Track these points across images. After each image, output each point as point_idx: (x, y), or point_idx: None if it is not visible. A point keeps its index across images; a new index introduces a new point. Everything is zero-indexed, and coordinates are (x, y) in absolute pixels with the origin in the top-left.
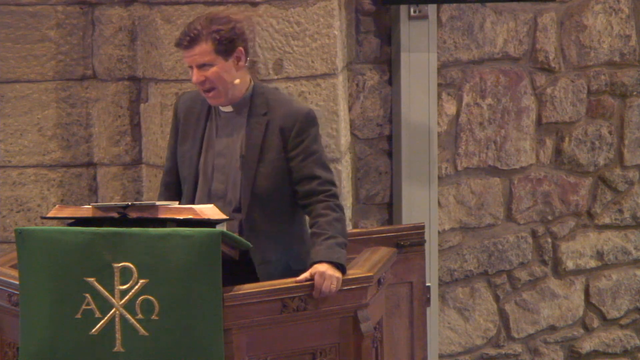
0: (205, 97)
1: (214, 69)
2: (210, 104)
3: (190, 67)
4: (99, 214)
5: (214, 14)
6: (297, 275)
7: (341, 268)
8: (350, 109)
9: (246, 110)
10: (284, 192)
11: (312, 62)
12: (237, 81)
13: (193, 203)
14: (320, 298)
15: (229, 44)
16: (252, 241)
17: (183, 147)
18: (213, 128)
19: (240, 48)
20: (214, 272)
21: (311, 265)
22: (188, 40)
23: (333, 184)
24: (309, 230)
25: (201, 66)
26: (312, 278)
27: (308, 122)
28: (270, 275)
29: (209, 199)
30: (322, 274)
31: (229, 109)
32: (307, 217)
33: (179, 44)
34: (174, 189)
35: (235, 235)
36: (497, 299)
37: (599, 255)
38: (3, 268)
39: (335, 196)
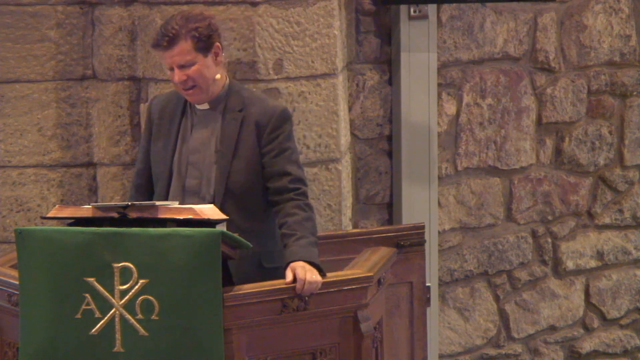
0: (185, 95)
1: (195, 67)
2: (191, 102)
3: (170, 68)
4: (99, 214)
5: (186, 12)
6: (268, 272)
7: (316, 267)
8: (350, 109)
9: (222, 107)
10: (258, 189)
11: (312, 62)
12: (217, 76)
13: (166, 199)
14: (311, 292)
15: (208, 40)
16: None
17: (156, 145)
18: (188, 125)
19: (217, 43)
20: (214, 272)
21: (287, 266)
22: (167, 41)
23: (303, 182)
24: (280, 230)
25: (182, 66)
26: (294, 277)
27: (283, 119)
28: (242, 272)
29: (182, 194)
30: (303, 267)
31: (205, 106)
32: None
33: (157, 45)
34: (145, 191)
35: (235, 235)
36: (497, 299)
37: (599, 255)
38: (3, 268)
39: (305, 195)
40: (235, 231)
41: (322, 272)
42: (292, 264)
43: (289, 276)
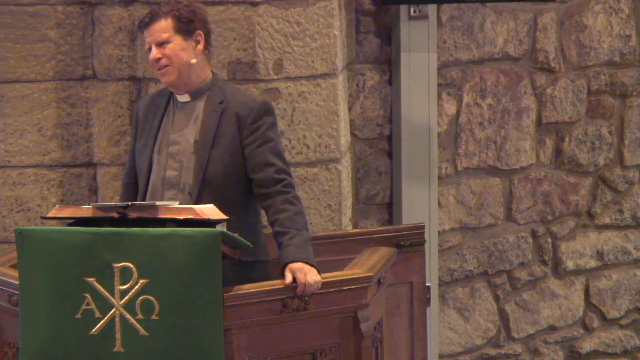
0: (160, 75)
1: (171, 46)
2: (164, 82)
3: (149, 48)
4: (99, 214)
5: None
6: (248, 266)
7: (313, 266)
8: (350, 109)
9: (203, 99)
10: (237, 180)
11: (312, 62)
12: (193, 61)
13: (145, 193)
14: (315, 296)
15: (189, 23)
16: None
17: (139, 141)
18: (170, 118)
19: (200, 32)
20: (214, 272)
21: (284, 267)
22: (149, 18)
23: (288, 173)
24: (273, 228)
25: (160, 44)
26: (294, 279)
27: (264, 110)
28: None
29: (162, 186)
30: (302, 269)
31: (186, 98)
32: (263, 211)
33: (139, 25)
34: (132, 190)
35: (236, 235)
36: (497, 299)
37: (599, 255)
38: (3, 268)
39: (291, 186)
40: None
41: (318, 271)
42: (290, 265)
43: (289, 277)
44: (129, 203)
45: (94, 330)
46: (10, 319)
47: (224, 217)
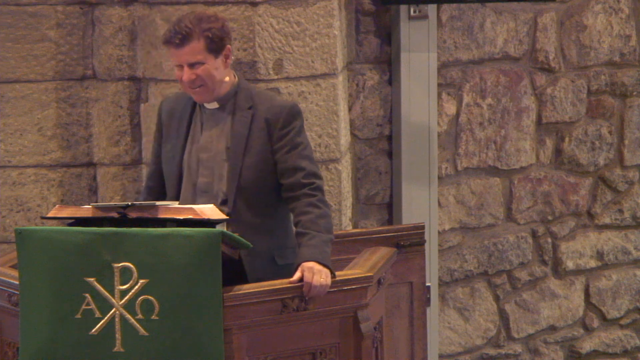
0: (192, 93)
1: (204, 67)
2: (196, 100)
3: (179, 66)
4: (99, 214)
5: (200, 13)
6: (282, 270)
7: (327, 267)
8: (350, 109)
9: (231, 105)
10: (269, 185)
11: (312, 62)
12: (226, 79)
13: (177, 199)
14: (317, 296)
15: (220, 42)
16: (238, 233)
17: (166, 146)
18: (198, 124)
19: (229, 46)
20: (214, 272)
21: (297, 266)
22: (180, 39)
23: (318, 176)
24: (295, 229)
25: (192, 65)
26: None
27: (293, 114)
28: (255, 269)
29: (194, 193)
30: (311, 269)
31: (214, 105)
32: (291, 214)
33: (168, 42)
34: (157, 193)
35: (236, 235)
36: (497, 299)
37: (599, 255)
38: (3, 268)
39: (319, 189)
40: (246, 228)
41: (332, 273)
42: (302, 264)
43: (296, 275)
44: (129, 203)
45: (94, 330)
46: (10, 319)
47: (224, 217)
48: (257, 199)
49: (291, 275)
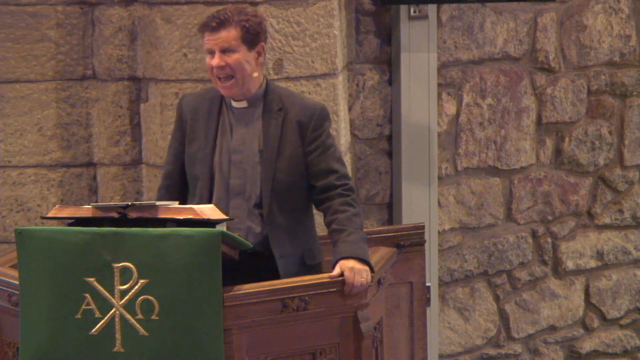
0: (221, 87)
1: (236, 56)
2: (225, 94)
3: (211, 51)
4: (99, 214)
5: (241, 6)
6: (311, 270)
7: (367, 263)
8: (350, 109)
9: (260, 105)
10: (301, 187)
11: (312, 62)
12: (255, 74)
13: (210, 201)
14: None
15: (255, 36)
16: (272, 235)
17: (192, 147)
18: (226, 124)
19: (263, 44)
20: (214, 272)
21: (336, 262)
22: (217, 22)
23: (349, 177)
24: (330, 227)
25: (224, 51)
26: (342, 274)
27: (324, 116)
28: (288, 270)
29: (227, 195)
30: (352, 269)
31: (243, 104)
32: (322, 213)
33: (205, 26)
34: (176, 192)
35: (236, 235)
36: (497, 299)
37: (599, 255)
38: (3, 268)
39: (352, 190)
40: (280, 231)
41: (372, 269)
42: (342, 262)
43: (336, 271)
44: (129, 203)
45: (94, 330)
46: (10, 319)
47: (224, 217)
48: (289, 202)
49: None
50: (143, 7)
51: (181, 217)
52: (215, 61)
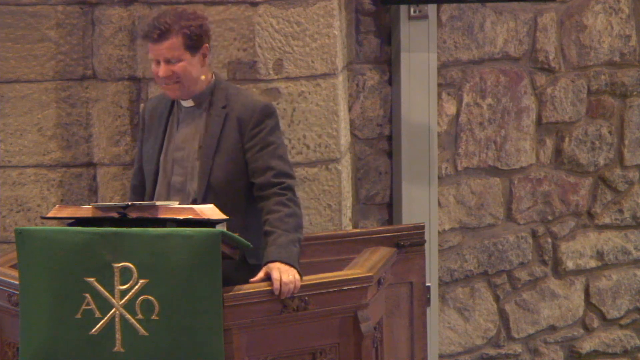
0: (166, 89)
1: (181, 64)
2: (170, 96)
3: (156, 61)
4: (99, 214)
5: (181, 9)
6: (254, 270)
7: (293, 267)
8: (350, 109)
9: (206, 104)
10: (240, 185)
11: (312, 62)
12: (202, 77)
13: (152, 198)
14: (289, 293)
15: (198, 39)
16: None
17: (146, 145)
18: (174, 123)
19: (206, 44)
20: (214, 272)
21: (264, 265)
22: (158, 34)
23: (289, 175)
24: (263, 229)
25: (168, 61)
26: (266, 277)
27: (265, 114)
28: (225, 268)
29: (168, 192)
30: (278, 268)
31: (189, 103)
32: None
33: (146, 37)
34: (140, 192)
35: (236, 235)
36: (497, 299)
37: (599, 255)
38: (3, 268)
39: (289, 189)
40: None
41: (299, 272)
42: (268, 265)
43: (258, 275)
44: (129, 203)
45: (94, 330)
46: (10, 319)
47: (224, 217)
48: (227, 198)
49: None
50: (143, 7)
51: (181, 217)
52: (162, 72)
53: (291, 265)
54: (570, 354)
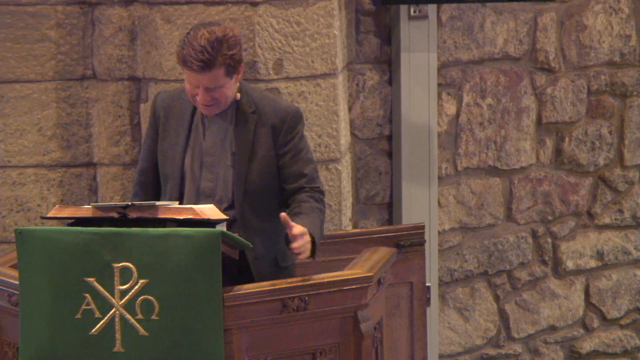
0: (202, 109)
1: (222, 90)
2: (205, 113)
3: (195, 86)
4: (99, 214)
5: (219, 35)
6: (284, 271)
7: (315, 247)
8: (350, 109)
9: (233, 109)
10: (273, 189)
11: (312, 62)
12: (238, 95)
13: (180, 200)
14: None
15: (237, 64)
16: (245, 238)
17: (163, 144)
18: (199, 126)
19: (242, 64)
20: (214, 272)
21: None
22: (201, 67)
23: (319, 181)
24: (292, 211)
25: (209, 89)
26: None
27: (297, 119)
28: (261, 272)
29: (197, 197)
30: (305, 236)
31: None
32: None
33: (186, 65)
34: (150, 189)
35: (235, 235)
36: (497, 299)
37: (599, 255)
38: (3, 268)
39: (319, 191)
40: (253, 233)
41: (314, 250)
42: (309, 232)
43: (299, 229)
44: (129, 203)
45: (94, 330)
46: (10, 319)
47: (224, 217)
48: (262, 204)
49: (295, 276)
50: (143, 7)
51: (181, 217)
52: (201, 99)
53: (315, 245)
54: (570, 354)
